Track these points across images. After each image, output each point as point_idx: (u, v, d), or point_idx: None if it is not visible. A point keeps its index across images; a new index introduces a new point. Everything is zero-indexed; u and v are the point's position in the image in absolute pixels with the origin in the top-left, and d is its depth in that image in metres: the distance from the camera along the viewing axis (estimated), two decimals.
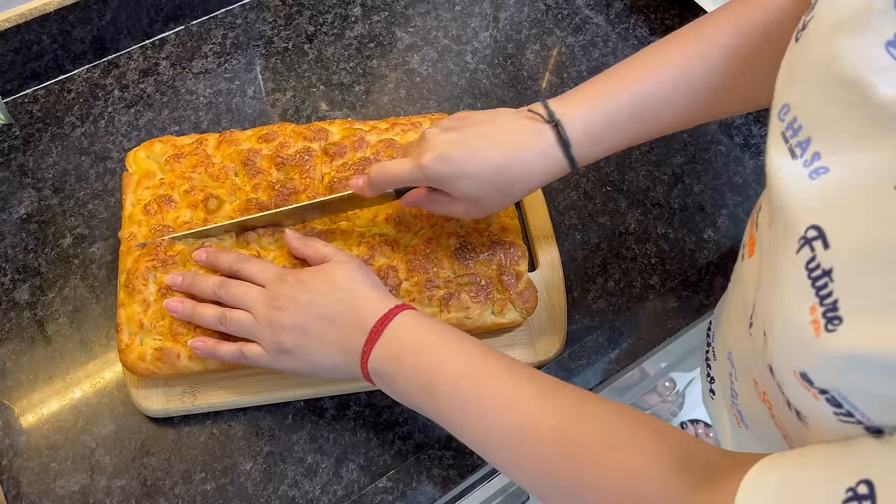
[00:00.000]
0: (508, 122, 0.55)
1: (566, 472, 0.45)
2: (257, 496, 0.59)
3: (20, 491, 0.59)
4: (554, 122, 0.54)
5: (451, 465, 0.60)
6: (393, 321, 0.53)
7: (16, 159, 0.75)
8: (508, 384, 0.49)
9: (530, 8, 0.89)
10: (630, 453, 0.43)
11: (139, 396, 0.61)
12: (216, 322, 0.57)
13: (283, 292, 0.56)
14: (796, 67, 0.37)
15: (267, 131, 0.69)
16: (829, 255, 0.31)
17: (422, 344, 0.52)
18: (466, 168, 0.53)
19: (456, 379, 0.50)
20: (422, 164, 0.54)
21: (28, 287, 0.68)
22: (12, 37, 0.74)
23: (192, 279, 0.60)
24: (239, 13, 0.86)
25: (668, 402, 1.39)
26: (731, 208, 0.74)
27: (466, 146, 0.54)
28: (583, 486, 0.44)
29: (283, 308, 0.55)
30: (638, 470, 0.42)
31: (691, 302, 0.68)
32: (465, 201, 0.56)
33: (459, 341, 0.52)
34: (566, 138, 0.53)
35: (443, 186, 0.55)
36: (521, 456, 0.47)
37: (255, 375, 0.62)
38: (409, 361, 0.52)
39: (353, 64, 0.83)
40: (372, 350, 0.52)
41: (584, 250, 0.71)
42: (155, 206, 0.64)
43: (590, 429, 0.45)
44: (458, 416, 0.50)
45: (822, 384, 0.32)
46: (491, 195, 0.55)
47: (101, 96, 0.80)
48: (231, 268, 0.59)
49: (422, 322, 0.53)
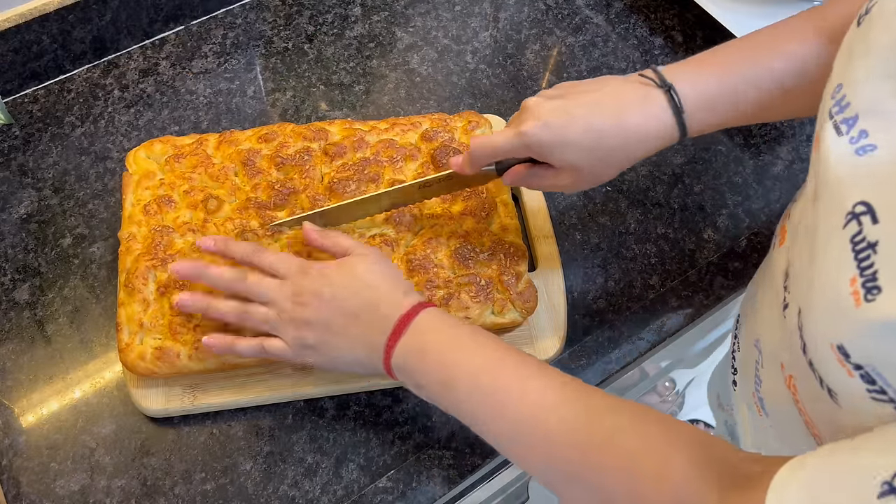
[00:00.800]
0: (616, 88, 0.54)
1: (572, 458, 0.45)
2: (257, 496, 0.59)
3: (20, 491, 0.59)
4: (667, 87, 0.52)
5: (451, 465, 0.60)
6: (417, 317, 0.53)
7: (16, 159, 0.75)
8: (522, 377, 0.49)
9: (530, 8, 0.89)
10: (633, 437, 0.43)
11: (139, 396, 0.61)
12: (235, 317, 0.57)
13: (306, 286, 0.55)
14: (855, 49, 0.38)
15: (267, 131, 0.69)
16: (877, 230, 0.32)
17: (444, 340, 0.52)
18: (569, 135, 0.52)
19: (476, 374, 0.51)
20: (522, 132, 0.53)
21: (28, 287, 0.68)
22: (12, 37, 0.74)
23: (203, 269, 0.58)
24: (239, 13, 0.86)
25: (667, 402, 1.39)
26: (731, 208, 0.74)
27: (568, 113, 0.52)
28: (587, 470, 0.44)
29: (306, 304, 0.54)
30: (663, 471, 0.42)
31: (691, 302, 0.68)
32: (569, 171, 0.55)
33: (478, 338, 0.53)
34: (679, 103, 0.52)
35: (544, 156, 0.54)
36: (532, 446, 0.48)
37: (256, 375, 0.62)
38: (432, 357, 0.52)
39: (353, 64, 0.83)
40: (396, 345, 0.53)
41: (584, 250, 0.71)
42: (155, 207, 0.64)
43: (595, 417, 0.46)
44: (478, 410, 0.50)
45: (857, 358, 0.33)
46: (595, 163, 0.54)
47: (101, 96, 0.80)
48: (247, 258, 0.58)
49: (444, 319, 0.54)
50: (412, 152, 0.68)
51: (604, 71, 0.83)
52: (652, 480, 0.41)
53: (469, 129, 0.70)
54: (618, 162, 0.55)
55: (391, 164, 0.67)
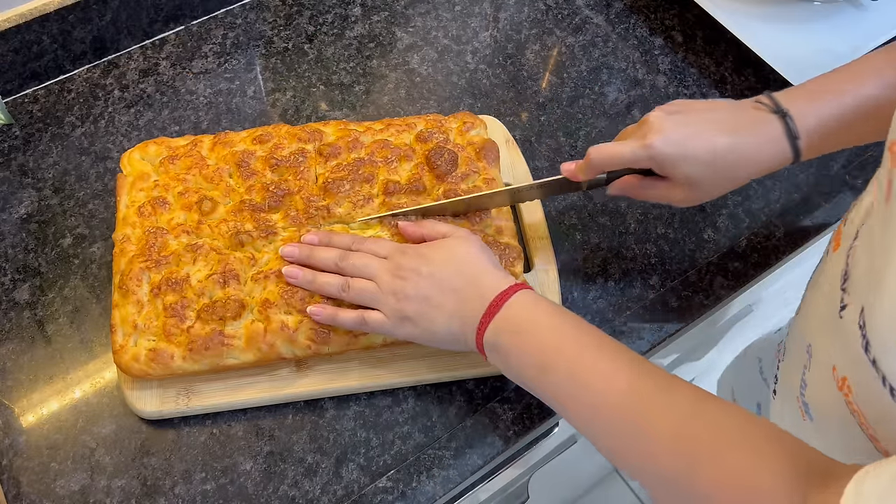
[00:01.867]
0: (731, 110, 0.57)
1: (679, 467, 0.45)
2: (257, 496, 0.59)
3: (20, 491, 0.59)
4: (782, 113, 0.55)
5: (452, 465, 0.60)
6: (513, 297, 0.54)
7: (16, 159, 0.75)
8: (626, 374, 0.49)
9: (530, 8, 0.88)
10: (744, 453, 0.43)
11: (133, 398, 0.61)
12: (338, 290, 0.59)
13: (405, 263, 0.58)
14: None
15: (261, 132, 0.69)
16: None
17: (541, 322, 0.54)
18: (690, 150, 0.55)
19: (572, 361, 0.51)
20: (648, 144, 0.55)
21: (28, 287, 0.68)
22: (12, 37, 0.74)
23: (309, 251, 0.61)
24: (239, 13, 0.86)
25: None
26: (731, 208, 0.74)
27: (690, 128, 0.55)
28: (695, 482, 0.44)
29: (406, 278, 0.57)
30: (750, 470, 0.42)
31: (691, 302, 0.68)
32: (684, 185, 0.57)
33: (579, 325, 0.54)
34: (794, 129, 0.55)
35: (665, 169, 0.56)
36: (632, 445, 0.48)
37: (250, 377, 0.62)
38: (527, 338, 0.53)
39: (353, 64, 0.83)
40: (490, 322, 0.54)
41: (584, 250, 0.71)
42: (149, 208, 0.64)
43: (705, 427, 0.46)
44: (570, 398, 0.51)
45: None
46: (713, 178, 0.57)
47: (101, 96, 0.80)
48: (350, 246, 0.61)
49: (541, 301, 0.55)
50: (407, 153, 0.68)
51: (604, 71, 0.83)
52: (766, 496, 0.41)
53: (464, 129, 0.70)
54: (730, 181, 0.58)
55: (386, 164, 0.67)
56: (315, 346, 0.60)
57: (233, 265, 0.62)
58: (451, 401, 0.63)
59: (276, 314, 0.60)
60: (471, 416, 0.62)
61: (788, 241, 0.72)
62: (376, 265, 0.59)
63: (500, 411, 0.62)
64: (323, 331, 0.60)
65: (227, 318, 0.60)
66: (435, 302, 0.57)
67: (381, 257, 0.60)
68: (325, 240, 0.62)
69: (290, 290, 0.60)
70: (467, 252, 0.58)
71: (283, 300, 0.60)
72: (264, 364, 0.61)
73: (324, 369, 0.63)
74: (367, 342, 0.61)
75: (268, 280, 0.61)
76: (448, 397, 0.63)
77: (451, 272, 0.57)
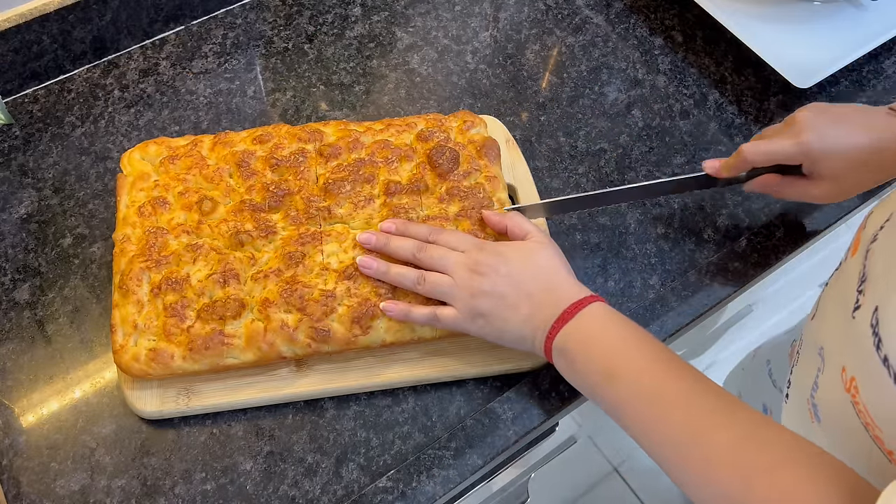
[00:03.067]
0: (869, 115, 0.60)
1: (734, 481, 0.46)
2: (257, 496, 0.59)
3: (20, 491, 0.59)
4: None
5: (451, 465, 0.60)
6: (587, 307, 0.56)
7: (16, 159, 0.75)
8: (693, 391, 0.50)
9: (530, 8, 0.89)
10: (796, 472, 0.44)
11: (133, 398, 0.61)
12: (413, 283, 0.60)
13: (483, 260, 0.58)
14: None
15: (261, 132, 0.69)
16: None
17: (611, 333, 0.55)
18: (843, 147, 0.58)
19: (640, 372, 0.52)
20: (803, 141, 0.58)
21: (28, 287, 0.68)
22: (12, 37, 0.74)
23: (386, 240, 0.61)
24: (239, 13, 0.86)
25: None
26: (731, 208, 0.74)
27: (843, 128, 0.58)
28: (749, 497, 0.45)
29: (483, 274, 0.58)
30: (801, 488, 0.43)
31: (691, 302, 0.68)
32: (828, 182, 0.60)
33: (648, 339, 0.55)
34: None
35: (815, 164, 0.59)
36: (691, 459, 0.49)
37: (249, 377, 0.62)
38: (595, 345, 0.54)
39: (353, 64, 0.83)
40: (562, 328, 0.55)
41: (584, 250, 0.71)
42: (149, 208, 0.64)
43: (762, 444, 0.46)
44: (633, 409, 0.52)
45: None
46: (853, 177, 0.60)
47: (101, 96, 0.80)
48: (427, 237, 0.61)
49: (614, 314, 0.56)
50: (407, 153, 0.68)
51: (604, 71, 0.83)
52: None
53: (464, 128, 0.70)
54: (867, 181, 0.60)
55: (386, 164, 0.67)
56: (315, 345, 0.60)
57: (233, 265, 0.62)
58: (451, 401, 0.63)
59: (276, 313, 0.60)
60: (471, 416, 0.62)
61: (788, 241, 0.72)
62: (453, 259, 0.59)
63: (500, 411, 0.62)
64: (323, 329, 0.60)
65: (227, 318, 0.60)
66: (510, 301, 0.57)
67: (458, 251, 0.60)
68: (403, 229, 0.62)
69: (289, 289, 0.60)
70: (547, 257, 0.59)
71: (283, 299, 0.60)
72: (264, 363, 0.61)
73: (324, 369, 0.63)
74: (366, 342, 0.61)
75: (268, 279, 0.61)
76: (448, 397, 0.63)
77: (529, 275, 0.58)
